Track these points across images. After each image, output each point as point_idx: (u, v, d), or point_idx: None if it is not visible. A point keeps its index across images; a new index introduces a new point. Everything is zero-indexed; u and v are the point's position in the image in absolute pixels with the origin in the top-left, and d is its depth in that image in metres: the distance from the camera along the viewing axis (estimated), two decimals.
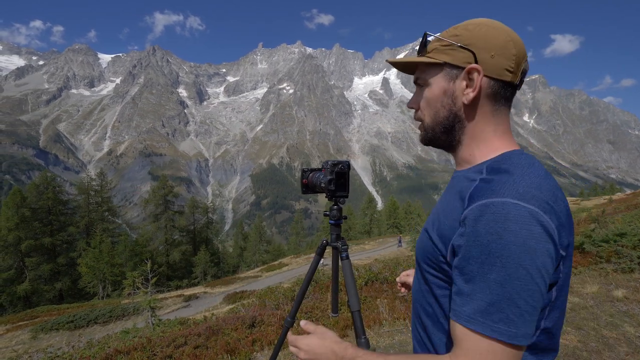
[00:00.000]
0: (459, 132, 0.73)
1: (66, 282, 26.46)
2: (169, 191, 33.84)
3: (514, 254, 0.54)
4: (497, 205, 0.57)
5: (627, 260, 5.40)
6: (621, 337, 3.15)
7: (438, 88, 0.72)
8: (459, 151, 0.75)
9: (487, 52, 0.67)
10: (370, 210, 46.90)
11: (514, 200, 0.57)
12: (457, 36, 0.69)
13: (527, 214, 0.56)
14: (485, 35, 0.67)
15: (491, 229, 0.56)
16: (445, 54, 0.70)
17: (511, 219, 0.55)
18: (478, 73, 0.67)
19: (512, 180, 0.61)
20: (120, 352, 3.65)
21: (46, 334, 12.34)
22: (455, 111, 0.72)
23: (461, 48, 0.68)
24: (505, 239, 0.55)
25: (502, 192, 0.59)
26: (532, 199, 0.58)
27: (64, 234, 28.28)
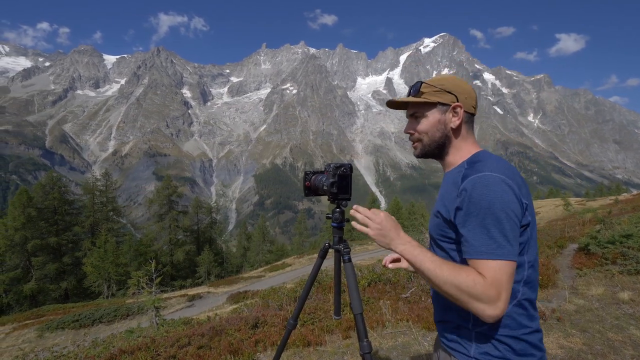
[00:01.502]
0: (448, 146, 1.12)
1: (71, 281, 26.67)
2: (173, 191, 34.00)
3: (497, 204, 0.90)
4: (481, 177, 0.93)
5: (633, 262, 5.34)
6: (627, 340, 3.11)
7: (434, 118, 1.10)
8: (447, 158, 1.13)
9: (463, 95, 1.08)
10: None
11: (490, 173, 0.94)
12: (443, 85, 1.09)
13: (499, 180, 0.92)
14: (460, 85, 1.09)
15: (480, 191, 0.91)
16: (437, 96, 1.08)
17: (491, 183, 0.91)
18: (460, 108, 1.08)
19: (487, 163, 0.98)
20: (124, 351, 3.68)
21: (52, 332, 12.46)
22: (446, 133, 1.10)
23: (447, 93, 1.08)
24: (490, 196, 0.90)
25: (482, 170, 0.96)
26: (501, 172, 0.94)
27: (69, 233, 28.52)
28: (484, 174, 0.93)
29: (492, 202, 0.89)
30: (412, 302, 4.88)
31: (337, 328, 3.93)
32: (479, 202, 0.90)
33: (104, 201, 32.36)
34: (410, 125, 1.16)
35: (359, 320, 1.27)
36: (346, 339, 3.68)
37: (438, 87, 1.07)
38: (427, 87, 1.09)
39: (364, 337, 1.24)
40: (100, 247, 25.01)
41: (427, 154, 1.14)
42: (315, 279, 1.46)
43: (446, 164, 1.14)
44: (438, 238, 1.06)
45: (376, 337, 3.58)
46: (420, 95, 1.10)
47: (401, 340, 3.47)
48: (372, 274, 6.84)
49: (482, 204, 0.90)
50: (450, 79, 1.10)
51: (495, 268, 0.89)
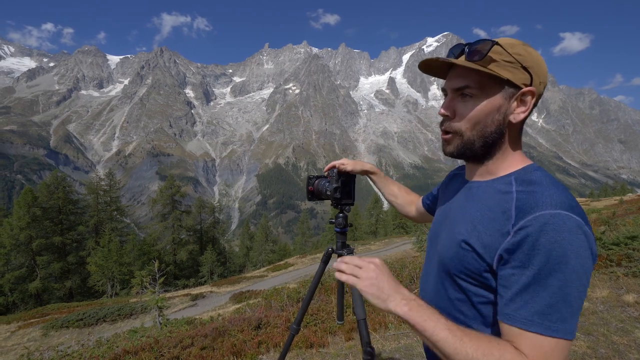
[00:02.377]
0: (497, 147, 0.77)
1: (76, 280, 26.89)
2: (176, 191, 34.16)
3: (571, 261, 0.61)
4: (554, 218, 0.62)
5: (638, 264, 5.29)
6: (632, 344, 3.09)
7: (494, 103, 0.73)
8: (487, 164, 0.79)
9: (539, 78, 0.72)
10: (376, 210, 46.70)
11: (565, 212, 0.63)
12: (520, 55, 0.71)
13: (577, 224, 0.62)
14: (539, 62, 0.72)
15: (552, 238, 0.61)
16: (508, 70, 0.71)
17: (566, 229, 0.61)
18: (532, 96, 0.72)
19: (550, 192, 0.66)
20: (128, 352, 3.71)
21: (57, 331, 12.57)
22: (502, 129, 0.75)
23: (523, 69, 0.71)
24: (564, 247, 0.61)
25: (551, 204, 0.64)
26: (575, 210, 0.64)
27: (73, 233, 28.74)
28: (558, 214, 0.63)
29: (567, 257, 0.61)
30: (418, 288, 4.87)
31: (340, 330, 3.93)
32: (549, 254, 0.61)
33: (108, 201, 32.60)
34: (450, 105, 0.78)
35: (362, 326, 1.27)
36: (349, 341, 3.68)
37: (514, 55, 0.71)
38: (500, 53, 0.71)
39: (366, 342, 1.24)
40: (104, 247, 25.20)
41: (465, 154, 0.79)
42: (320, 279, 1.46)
43: (482, 170, 0.80)
44: (458, 275, 0.76)
45: (379, 339, 3.58)
46: (486, 63, 0.71)
47: (404, 343, 3.47)
48: None
49: (552, 257, 0.61)
50: (527, 46, 0.72)
51: (548, 348, 0.61)
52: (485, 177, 0.80)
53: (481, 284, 0.72)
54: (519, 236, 0.64)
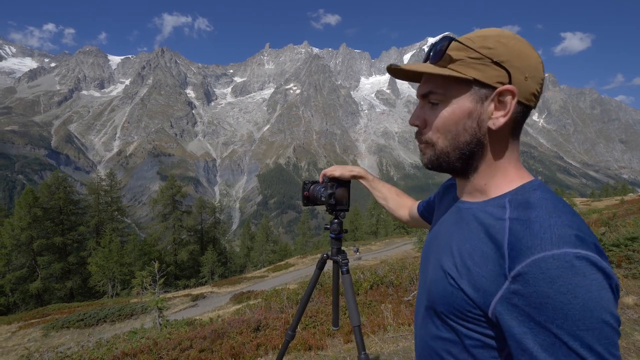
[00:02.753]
0: (478, 159, 0.64)
1: (77, 280, 26.94)
2: (177, 191, 34.21)
3: (594, 311, 0.48)
4: (559, 260, 0.49)
5: (638, 265, 5.28)
6: (631, 347, 3.08)
7: (462, 108, 0.61)
8: (472, 179, 0.66)
9: (522, 74, 0.58)
10: (377, 210, 46.67)
11: (573, 250, 0.50)
12: (489, 49, 0.59)
13: (589, 263, 0.49)
14: (521, 53, 0.59)
15: (561, 288, 0.48)
16: (474, 68, 0.59)
17: (579, 273, 0.48)
18: (512, 96, 0.58)
19: (551, 220, 0.53)
20: (127, 354, 3.71)
21: (57, 331, 12.60)
22: (480, 137, 0.62)
23: (495, 64, 0.58)
24: (580, 297, 0.48)
25: (552, 240, 0.51)
26: (585, 244, 0.51)
27: (74, 233, 28.80)
28: (564, 254, 0.49)
29: (586, 308, 0.48)
30: (414, 305, 4.87)
31: (339, 332, 3.93)
32: (562, 308, 0.48)
33: (109, 201, 32.66)
34: (419, 114, 0.68)
35: (357, 333, 1.27)
36: (347, 343, 3.68)
37: (480, 50, 0.59)
38: (461, 49, 0.61)
39: (361, 349, 1.24)
40: (104, 247, 25.24)
41: (442, 166, 0.67)
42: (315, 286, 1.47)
43: (469, 187, 0.68)
44: (449, 315, 0.63)
45: (377, 341, 3.58)
46: (445, 63, 0.62)
47: (402, 345, 3.46)
48: (375, 276, 6.83)
49: (567, 311, 0.48)
50: (508, 37, 0.60)
51: None
52: (476, 197, 0.67)
53: (475, 327, 0.59)
54: (518, 284, 0.51)
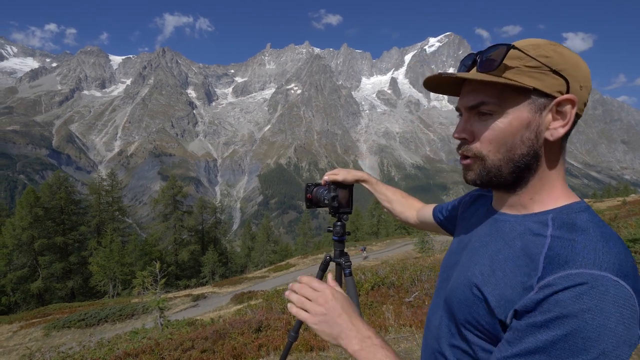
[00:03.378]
0: (532, 172, 0.60)
1: (78, 280, 26.99)
2: (178, 191, 34.25)
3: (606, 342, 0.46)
4: (596, 280, 0.47)
5: None
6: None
7: (520, 119, 0.57)
8: (520, 193, 0.62)
9: (578, 83, 0.56)
10: (378, 211, 46.64)
11: (614, 277, 0.47)
12: (547, 57, 0.56)
13: (625, 296, 0.47)
14: (575, 63, 0.57)
15: (586, 306, 0.46)
16: (532, 77, 0.56)
17: (610, 299, 0.46)
18: (572, 105, 0.56)
19: (597, 245, 0.50)
20: (129, 354, 3.72)
21: (58, 331, 12.62)
22: (537, 149, 0.58)
23: (553, 73, 0.55)
24: (600, 323, 0.46)
25: (595, 262, 0.48)
26: (629, 277, 0.48)
27: (75, 233, 28.85)
28: (602, 276, 0.48)
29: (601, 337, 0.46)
30: (416, 306, 4.86)
31: None
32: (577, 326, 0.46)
33: (110, 201, 32.71)
34: (465, 126, 0.63)
35: None
36: None
37: (538, 58, 0.56)
38: (517, 58, 0.57)
39: None
40: (105, 247, 25.29)
41: (492, 181, 0.62)
42: None
43: (513, 200, 0.64)
44: (465, 324, 0.61)
45: None
46: (500, 72, 0.57)
47: (404, 347, 3.46)
48: (376, 277, 6.83)
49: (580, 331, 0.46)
50: (555, 45, 0.58)
51: None
52: (517, 211, 0.63)
53: (490, 340, 0.58)
54: (542, 294, 0.49)
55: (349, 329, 0.63)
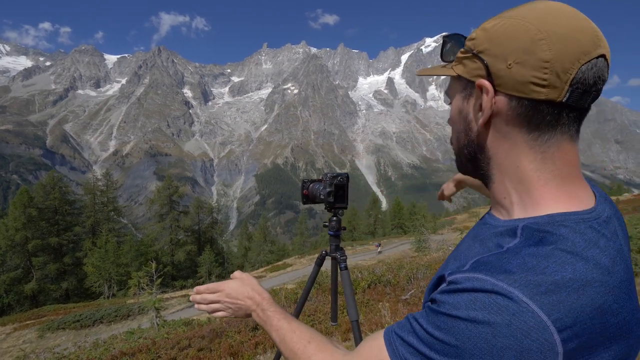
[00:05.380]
0: (485, 164, 0.55)
1: (72, 281, 26.78)
2: (174, 191, 34.10)
3: (477, 354, 0.40)
4: (496, 289, 0.41)
5: (633, 266, 5.35)
6: None
7: (455, 107, 0.57)
8: (492, 189, 0.57)
9: (503, 61, 0.47)
10: (375, 210, 46.80)
11: (522, 296, 0.40)
12: (472, 40, 0.52)
13: (532, 320, 0.39)
14: (503, 36, 0.48)
15: (472, 312, 0.41)
16: (461, 64, 0.54)
17: (504, 316, 0.39)
18: (481, 90, 0.50)
19: (543, 265, 0.42)
20: (125, 354, 3.71)
21: (53, 333, 12.52)
22: (472, 138, 0.55)
23: (474, 57, 0.51)
24: (479, 333, 0.40)
25: (513, 276, 0.41)
26: (553, 305, 0.39)
27: (70, 233, 28.62)
28: (507, 291, 0.40)
29: (475, 349, 0.40)
30: (412, 304, 4.90)
31: (337, 330, 3.95)
32: (458, 333, 0.41)
33: (105, 201, 32.48)
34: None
35: (355, 327, 1.29)
36: (345, 342, 3.70)
37: (466, 43, 0.53)
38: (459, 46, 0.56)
39: (360, 343, 1.26)
40: (101, 247, 25.10)
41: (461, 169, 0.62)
42: (314, 284, 1.48)
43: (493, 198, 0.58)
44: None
45: None
46: (452, 61, 0.57)
47: None
48: (372, 275, 6.86)
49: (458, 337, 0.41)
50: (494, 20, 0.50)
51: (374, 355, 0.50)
52: (501, 214, 0.56)
53: None
54: (447, 287, 0.45)
55: (251, 301, 0.75)
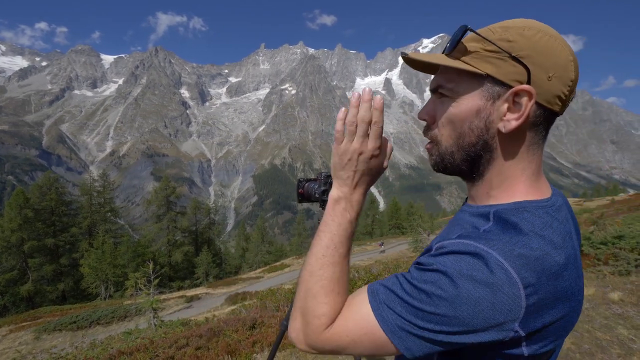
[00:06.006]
0: (485, 164, 0.57)
1: (69, 282, 26.62)
2: (172, 192, 34.01)
3: (458, 302, 0.46)
4: (478, 250, 0.48)
5: (624, 262, 5.44)
6: (614, 340, 3.20)
7: (470, 106, 0.55)
8: (477, 185, 0.60)
9: (545, 72, 0.50)
10: (372, 211, 46.90)
11: (498, 256, 0.47)
12: (509, 42, 0.51)
13: (503, 275, 0.46)
14: (546, 49, 0.50)
15: (458, 265, 0.48)
16: (489, 62, 0.52)
17: (483, 271, 0.47)
18: (529, 97, 0.50)
19: (515, 238, 0.49)
20: (123, 353, 3.73)
21: (49, 334, 12.47)
22: (487, 139, 0.55)
23: (513, 60, 0.51)
24: (461, 283, 0.47)
25: (492, 243, 0.49)
26: (522, 266, 0.47)
27: (66, 234, 28.45)
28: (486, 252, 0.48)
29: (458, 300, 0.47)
30: None
31: None
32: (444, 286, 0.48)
33: (102, 202, 32.33)
34: (428, 108, 0.62)
35: None
36: None
37: (498, 42, 0.51)
38: (478, 41, 0.54)
39: None
40: (97, 248, 24.99)
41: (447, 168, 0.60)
42: None
43: (474, 192, 0.61)
44: None
45: None
46: (459, 54, 0.55)
47: None
48: (369, 275, 6.91)
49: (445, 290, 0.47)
50: (534, 30, 0.51)
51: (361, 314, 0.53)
52: (475, 203, 0.61)
53: None
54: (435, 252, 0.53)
55: (348, 184, 0.62)
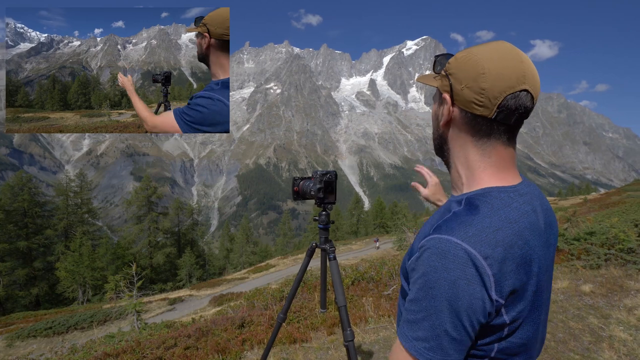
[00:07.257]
0: (447, 153, 0.78)
1: (43, 287, 25.54)
2: (153, 192, 33.16)
3: (443, 289, 0.59)
4: (441, 242, 0.61)
5: (595, 257, 5.77)
6: (586, 328, 3.41)
7: (434, 108, 0.81)
8: (451, 173, 0.79)
9: (459, 84, 0.70)
10: (357, 210, 47.30)
11: (457, 240, 0.60)
12: (448, 64, 0.74)
13: (465, 255, 0.59)
14: (464, 66, 0.70)
15: (431, 262, 0.61)
16: (439, 80, 0.76)
17: (449, 257, 0.60)
18: (447, 101, 0.73)
19: (471, 220, 0.63)
20: (109, 355, 3.66)
21: (23, 341, 11.94)
22: (440, 132, 0.78)
23: (445, 76, 0.74)
24: (438, 274, 0.60)
25: (453, 230, 0.62)
26: (477, 242, 0.60)
27: (40, 237, 27.28)
28: (447, 239, 0.62)
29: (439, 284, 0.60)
30: (394, 298, 5.08)
31: (322, 325, 4.06)
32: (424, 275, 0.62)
33: (79, 203, 31.18)
34: None
35: (343, 312, 1.40)
36: (331, 335, 3.81)
37: (446, 66, 0.75)
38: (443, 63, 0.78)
39: (347, 326, 1.38)
40: (74, 251, 24.11)
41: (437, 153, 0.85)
42: (305, 272, 1.60)
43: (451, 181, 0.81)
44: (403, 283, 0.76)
45: (359, 332, 3.74)
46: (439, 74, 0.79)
47: (383, 335, 3.64)
48: (356, 272, 7.02)
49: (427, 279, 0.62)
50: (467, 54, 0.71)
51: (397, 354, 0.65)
52: (456, 192, 0.79)
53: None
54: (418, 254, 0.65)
55: None
